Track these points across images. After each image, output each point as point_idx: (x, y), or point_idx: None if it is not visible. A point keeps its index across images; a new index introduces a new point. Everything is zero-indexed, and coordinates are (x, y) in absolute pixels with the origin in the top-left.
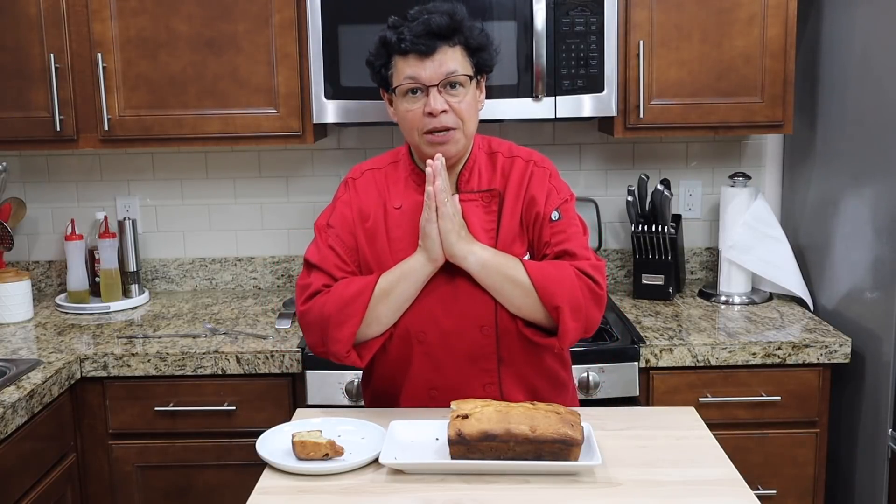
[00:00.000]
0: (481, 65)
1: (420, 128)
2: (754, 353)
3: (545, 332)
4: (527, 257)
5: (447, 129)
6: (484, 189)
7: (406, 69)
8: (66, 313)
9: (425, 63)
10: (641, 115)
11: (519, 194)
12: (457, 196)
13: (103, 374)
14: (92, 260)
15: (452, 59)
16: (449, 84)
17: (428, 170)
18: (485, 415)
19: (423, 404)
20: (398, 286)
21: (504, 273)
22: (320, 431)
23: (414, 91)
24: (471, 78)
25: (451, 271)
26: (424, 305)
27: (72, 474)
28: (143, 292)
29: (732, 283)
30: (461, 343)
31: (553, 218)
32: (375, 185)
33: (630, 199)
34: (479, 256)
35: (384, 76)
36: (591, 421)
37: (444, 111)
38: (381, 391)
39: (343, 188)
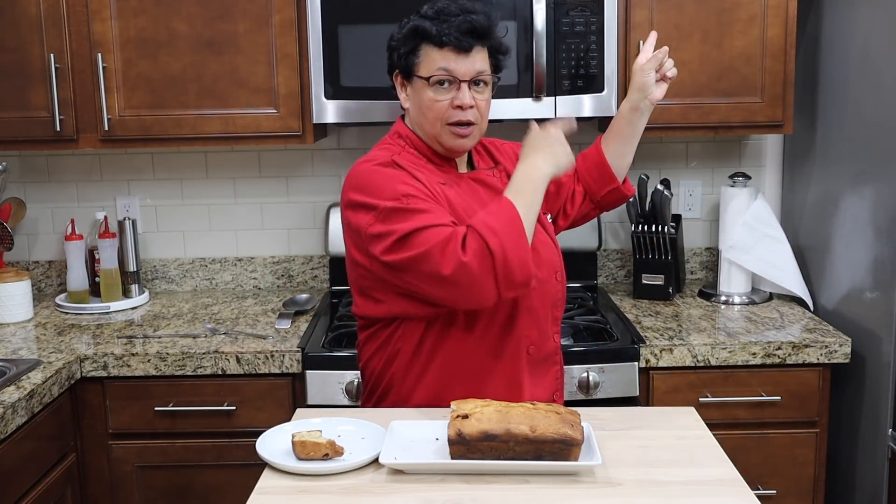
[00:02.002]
0: (497, 67)
1: (445, 119)
2: (754, 353)
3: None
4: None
5: (470, 124)
6: (491, 166)
7: (440, 61)
8: (66, 313)
9: (461, 59)
10: None
11: (512, 167)
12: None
13: (103, 374)
14: (92, 260)
15: (482, 59)
16: (475, 82)
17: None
18: (485, 415)
19: (521, 367)
20: (537, 195)
21: None
22: (320, 431)
23: (442, 83)
24: (497, 78)
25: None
26: None
27: (72, 474)
28: (143, 292)
29: (732, 283)
30: (549, 292)
31: None
32: (412, 164)
33: (630, 199)
34: None
35: (407, 62)
36: (591, 421)
37: (471, 106)
38: (455, 374)
39: (392, 165)
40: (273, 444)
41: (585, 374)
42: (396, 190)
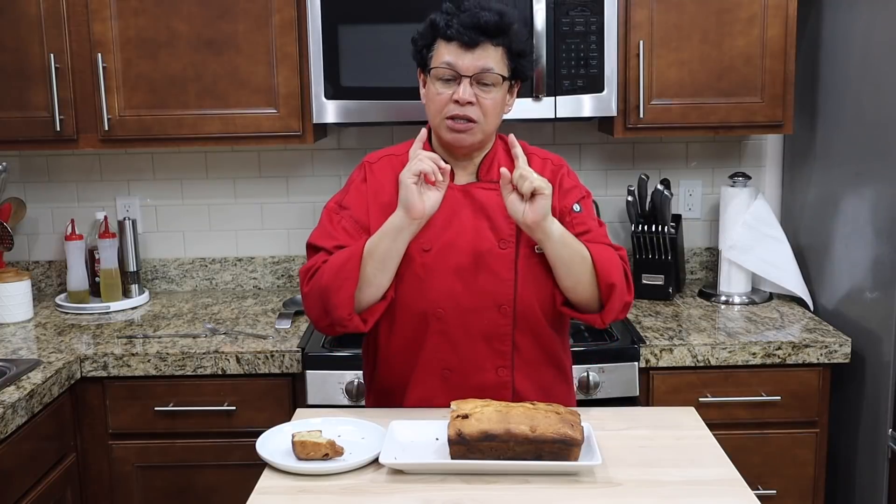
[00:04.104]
0: (518, 71)
1: (444, 112)
2: (754, 353)
3: (580, 310)
4: None
5: (468, 120)
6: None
7: (446, 55)
8: (66, 313)
9: (465, 54)
10: (641, 115)
11: None
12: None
13: (103, 374)
14: (92, 260)
15: (492, 57)
16: (482, 80)
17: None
18: (485, 415)
19: (435, 388)
20: (381, 244)
21: (576, 247)
22: (320, 431)
23: (448, 78)
24: (504, 79)
25: (473, 248)
26: (444, 282)
27: (72, 474)
28: (143, 292)
29: (732, 283)
30: (478, 321)
31: (575, 209)
32: (392, 169)
33: (630, 199)
34: (558, 226)
35: (424, 56)
36: (591, 421)
37: (470, 102)
38: (388, 380)
39: (358, 171)
40: (273, 444)
41: (585, 374)
42: (342, 199)
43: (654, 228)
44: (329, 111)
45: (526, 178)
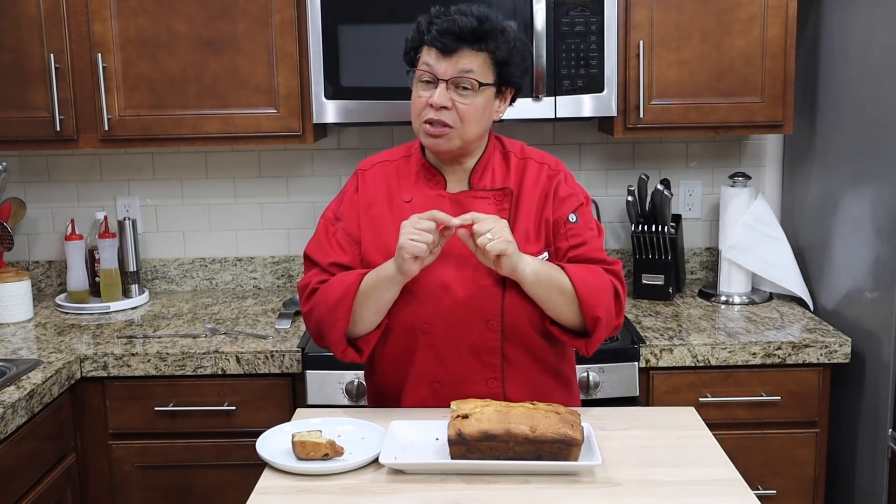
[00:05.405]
0: (504, 78)
1: (422, 116)
2: (754, 353)
3: (569, 333)
4: (544, 256)
5: (443, 125)
6: (497, 187)
7: (426, 57)
8: (66, 313)
9: (443, 59)
10: (641, 115)
11: (534, 195)
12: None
13: (103, 374)
14: (92, 260)
15: (472, 62)
16: (461, 84)
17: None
18: (485, 415)
19: (426, 398)
20: (375, 291)
21: (554, 282)
22: (320, 431)
23: (428, 80)
24: (480, 84)
25: (461, 261)
26: (431, 297)
27: (72, 474)
28: (143, 292)
29: (732, 283)
30: (466, 336)
31: (570, 220)
32: (385, 177)
33: (630, 199)
34: (532, 267)
35: (412, 58)
36: (591, 421)
37: (444, 107)
38: (383, 388)
39: (352, 179)
40: (273, 444)
41: (585, 374)
42: (336, 209)
43: (654, 228)
44: (329, 111)
45: (485, 246)
